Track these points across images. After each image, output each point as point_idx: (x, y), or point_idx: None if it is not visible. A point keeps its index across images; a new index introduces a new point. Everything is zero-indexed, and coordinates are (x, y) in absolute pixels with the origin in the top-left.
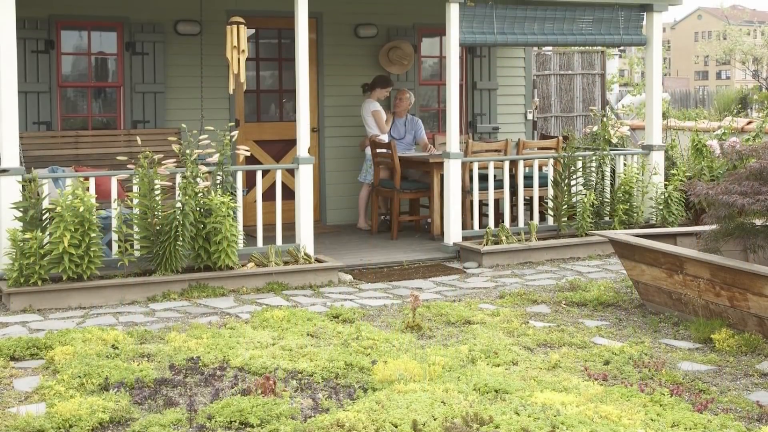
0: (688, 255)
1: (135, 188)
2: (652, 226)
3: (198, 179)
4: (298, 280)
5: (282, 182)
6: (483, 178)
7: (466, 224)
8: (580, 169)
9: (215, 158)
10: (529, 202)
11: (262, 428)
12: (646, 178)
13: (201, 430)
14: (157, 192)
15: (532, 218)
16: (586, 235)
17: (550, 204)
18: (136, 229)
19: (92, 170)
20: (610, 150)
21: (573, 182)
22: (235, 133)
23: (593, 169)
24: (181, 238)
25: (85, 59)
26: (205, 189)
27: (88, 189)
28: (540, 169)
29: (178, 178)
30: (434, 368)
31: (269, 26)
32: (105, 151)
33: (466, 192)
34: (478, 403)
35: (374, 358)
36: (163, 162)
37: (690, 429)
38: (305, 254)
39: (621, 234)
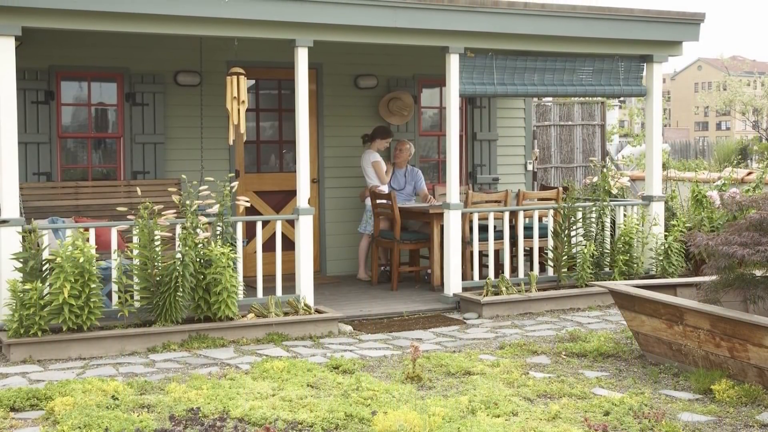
0: (688, 306)
1: (135, 239)
2: (652, 277)
3: (198, 230)
4: (298, 331)
5: (282, 233)
6: (483, 229)
7: (466, 275)
8: (580, 220)
9: (215, 209)
10: (529, 253)
11: None
12: (646, 228)
13: None
14: (157, 243)
15: (532, 269)
16: (586, 285)
17: (550, 255)
18: (136, 279)
19: (92, 221)
20: (610, 201)
21: (573, 233)
22: (235, 183)
23: (593, 219)
24: (181, 289)
25: (85, 110)
26: (205, 240)
27: (88, 240)
28: (540, 219)
29: (178, 229)
30: (434, 419)
31: (269, 77)
32: (105, 201)
33: (466, 243)
34: None
35: (374, 408)
36: (163, 213)
37: None
38: (305, 305)
39: (621, 285)
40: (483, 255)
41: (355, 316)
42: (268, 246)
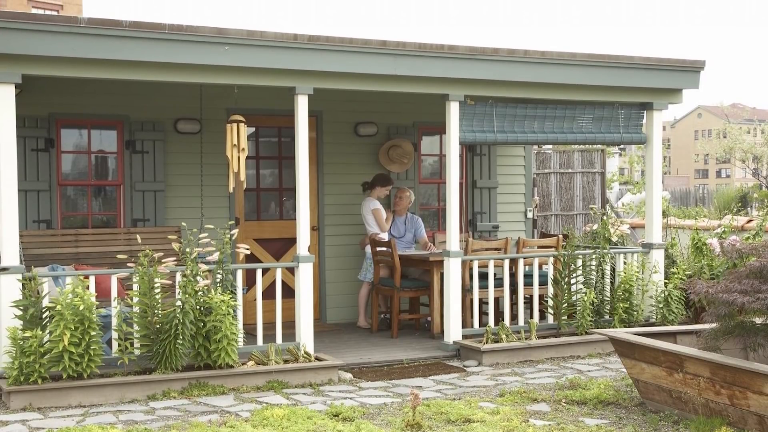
0: (688, 353)
1: (135, 286)
2: (652, 325)
3: (198, 278)
4: (298, 379)
5: (282, 280)
6: (483, 277)
7: (466, 322)
8: (580, 268)
9: (215, 257)
10: (529, 301)
11: None
12: (646, 276)
13: None
14: (157, 290)
15: (532, 316)
16: (586, 333)
17: (550, 302)
18: (136, 327)
19: (92, 268)
20: (610, 248)
21: (573, 280)
22: (235, 231)
23: (593, 267)
24: (181, 337)
25: (85, 157)
26: (205, 287)
27: (88, 287)
28: (540, 267)
29: (178, 277)
30: None
31: (269, 124)
32: (105, 249)
33: (466, 290)
34: None
35: None
36: (163, 260)
37: None
38: (305, 352)
39: (621, 332)
40: (483, 302)
41: (355, 363)
42: (268, 293)
